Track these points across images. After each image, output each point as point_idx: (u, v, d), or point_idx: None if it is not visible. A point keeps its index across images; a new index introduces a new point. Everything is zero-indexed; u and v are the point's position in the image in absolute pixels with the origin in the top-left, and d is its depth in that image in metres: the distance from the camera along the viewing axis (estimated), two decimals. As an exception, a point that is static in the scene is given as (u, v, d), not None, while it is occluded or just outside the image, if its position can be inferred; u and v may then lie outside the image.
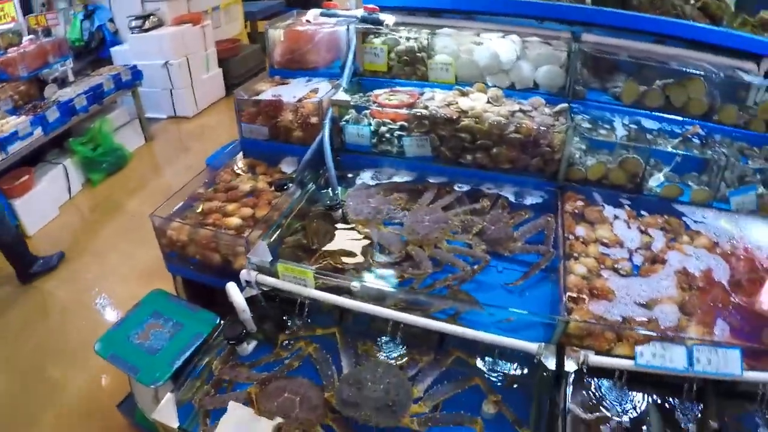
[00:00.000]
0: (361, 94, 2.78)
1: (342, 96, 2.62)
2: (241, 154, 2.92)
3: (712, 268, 2.19)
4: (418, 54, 2.84)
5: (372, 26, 2.84)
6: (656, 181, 2.51)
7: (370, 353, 1.96)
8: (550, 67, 2.76)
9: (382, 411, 1.69)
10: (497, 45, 2.73)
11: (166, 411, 1.69)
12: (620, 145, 2.50)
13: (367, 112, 2.65)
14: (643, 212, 2.43)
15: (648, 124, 2.71)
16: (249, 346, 1.99)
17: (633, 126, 2.67)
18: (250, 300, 1.96)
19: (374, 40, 2.88)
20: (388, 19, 2.81)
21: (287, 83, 2.96)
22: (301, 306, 2.01)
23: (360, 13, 2.89)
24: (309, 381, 1.83)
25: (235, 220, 2.36)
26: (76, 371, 3.03)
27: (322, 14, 3.07)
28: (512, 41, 2.77)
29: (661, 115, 2.77)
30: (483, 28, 2.87)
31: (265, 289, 2.02)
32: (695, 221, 2.42)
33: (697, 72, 2.76)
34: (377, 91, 2.74)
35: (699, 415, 1.82)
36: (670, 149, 2.55)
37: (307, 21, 3.07)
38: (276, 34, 3.09)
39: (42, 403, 2.85)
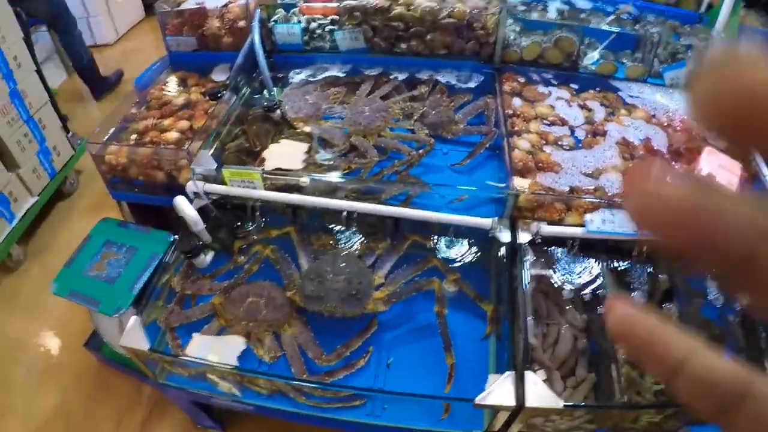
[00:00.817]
0: None
1: None
2: (170, 69, 2.83)
3: (650, 138, 2.27)
4: None
5: None
6: (591, 59, 2.55)
7: (328, 247, 1.98)
8: (481, -50, 2.72)
9: (346, 300, 1.72)
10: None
11: (133, 335, 1.63)
12: (554, 25, 2.53)
13: (296, 9, 2.59)
14: (581, 90, 2.48)
15: (581, 3, 2.73)
16: (207, 258, 1.98)
17: (566, 6, 2.69)
18: (200, 211, 1.93)
19: None
20: None
21: None
22: (252, 210, 2.01)
23: None
24: (271, 282, 1.85)
25: (173, 135, 2.30)
26: (35, 324, 2.96)
27: None
28: None
29: (594, -7, 2.79)
30: None
31: (214, 197, 2.00)
32: (631, 96, 2.50)
33: (630, -53, 2.79)
34: None
35: (649, 277, 1.93)
36: (603, 27, 2.59)
37: None
38: None
39: (8, 363, 2.78)
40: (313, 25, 2.52)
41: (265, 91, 2.44)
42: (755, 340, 1.86)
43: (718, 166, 2.21)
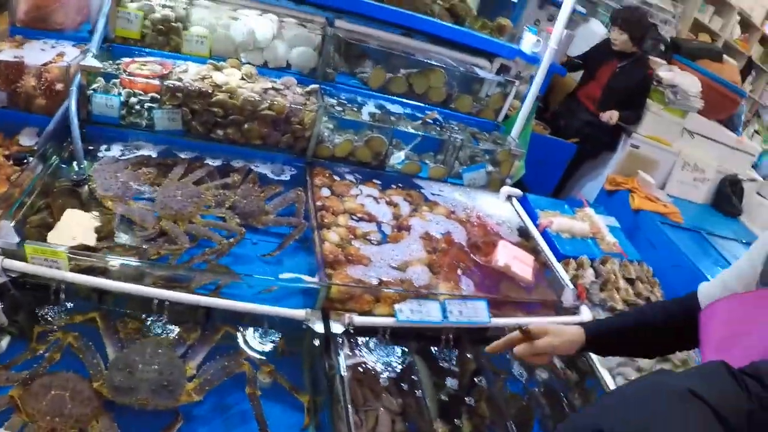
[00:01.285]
0: (111, 62, 2.68)
1: (92, 62, 2.50)
2: (-29, 126, 2.69)
3: (450, 232, 2.56)
4: (173, 24, 2.81)
5: None
6: (398, 158, 2.82)
7: (136, 336, 1.92)
8: (304, 49, 2.92)
9: (158, 392, 1.69)
10: (254, 22, 2.83)
11: None
12: (366, 125, 2.77)
13: (117, 81, 2.57)
14: (386, 187, 2.72)
15: (392, 108, 3.03)
16: (2, 343, 1.83)
17: (378, 110, 2.95)
18: (-1, 289, 1.81)
19: (129, 4, 2.79)
20: None
21: (29, 44, 2.77)
22: (56, 291, 1.88)
23: None
24: (75, 374, 1.73)
25: None
26: None
27: None
28: (270, 20, 2.88)
29: (405, 100, 3.11)
30: (241, 4, 2.95)
31: (13, 275, 1.84)
32: (433, 194, 2.80)
33: (439, 64, 3.13)
34: (128, 60, 2.68)
35: (458, 359, 2.15)
36: (410, 130, 2.87)
37: None
38: None
39: None
40: (133, 99, 2.52)
41: (74, 163, 2.37)
42: (560, 405, 2.18)
43: (513, 257, 2.52)
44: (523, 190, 3.28)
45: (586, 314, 2.40)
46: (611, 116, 4.68)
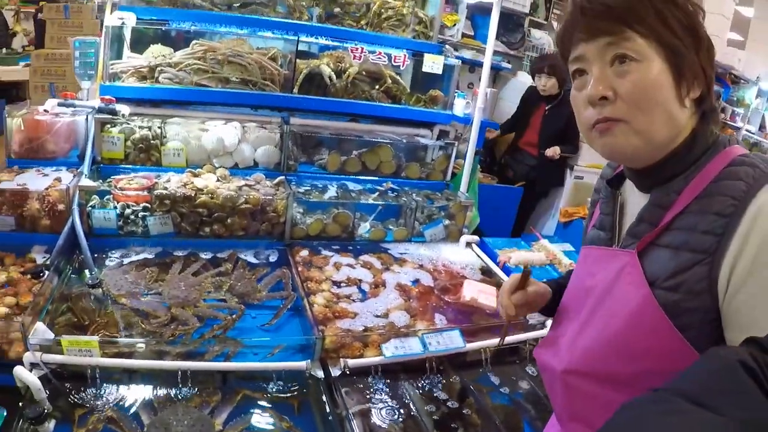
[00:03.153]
0: (102, 181, 3.04)
1: (87, 182, 2.86)
2: (-16, 250, 2.93)
3: (420, 279, 2.99)
4: (152, 141, 3.19)
5: (109, 116, 3.10)
6: (364, 228, 3.26)
7: (166, 405, 2.17)
8: (267, 147, 3.36)
9: None
10: (221, 131, 3.26)
11: None
12: (331, 204, 3.22)
13: (111, 196, 2.91)
14: (359, 254, 3.14)
15: (351, 186, 3.48)
16: (50, 425, 2.04)
17: (339, 189, 3.39)
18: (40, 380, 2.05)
19: (112, 129, 3.14)
20: (124, 109, 3.12)
21: (28, 172, 3.04)
22: (92, 377, 2.17)
23: (97, 103, 3.14)
24: None
25: (1, 309, 2.39)
26: None
27: (59, 104, 3.22)
28: (234, 127, 3.31)
29: (361, 177, 3.57)
30: (207, 117, 3.38)
31: (52, 367, 2.14)
32: (400, 253, 3.22)
33: (385, 141, 3.61)
34: (117, 177, 3.03)
35: (444, 383, 2.49)
36: (371, 201, 3.33)
37: (45, 111, 3.19)
38: (14, 123, 3.13)
39: None
40: (128, 211, 2.89)
41: (86, 271, 2.67)
42: (545, 408, 2.44)
43: (478, 291, 2.91)
44: (482, 237, 3.72)
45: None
46: (554, 152, 5.18)
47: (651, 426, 0.70)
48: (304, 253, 3.06)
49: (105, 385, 2.21)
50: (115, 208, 2.89)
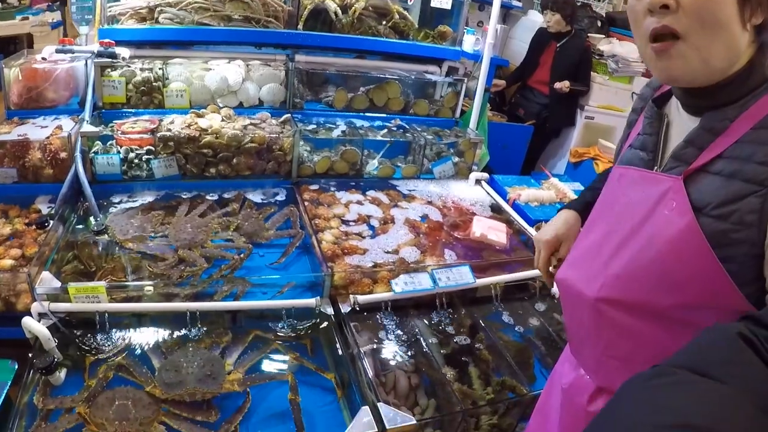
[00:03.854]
0: (105, 126, 2.96)
1: (89, 128, 2.79)
2: (-12, 202, 2.91)
3: (428, 214, 2.94)
4: (154, 83, 3.11)
5: (109, 60, 3.02)
6: (372, 166, 3.18)
7: (176, 347, 2.16)
8: (272, 85, 3.26)
9: (204, 381, 1.94)
10: (225, 70, 3.18)
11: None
12: (339, 141, 3.14)
13: (114, 141, 2.86)
14: (367, 192, 3.08)
15: (359, 123, 3.39)
16: (61, 374, 2.03)
17: (346, 126, 3.31)
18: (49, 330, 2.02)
19: (112, 73, 3.06)
20: (124, 52, 3.05)
21: (27, 123, 2.98)
22: (100, 323, 2.14)
23: (96, 48, 3.05)
24: (132, 387, 1.96)
25: (6, 262, 2.39)
26: None
27: (57, 51, 3.12)
28: (237, 66, 3.23)
29: (369, 114, 3.49)
30: (211, 56, 3.29)
31: (60, 316, 2.12)
32: (409, 190, 3.15)
33: (393, 77, 3.50)
34: (119, 121, 2.97)
35: (453, 319, 2.47)
36: (379, 138, 3.24)
37: (43, 59, 3.11)
38: (12, 73, 3.05)
39: None
40: (131, 155, 2.83)
41: (91, 218, 2.64)
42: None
43: (488, 228, 2.87)
44: (492, 174, 3.64)
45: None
46: (564, 85, 5.06)
47: (660, 398, 0.68)
48: (312, 190, 3.00)
49: (114, 331, 2.18)
50: (119, 152, 2.84)
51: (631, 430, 0.66)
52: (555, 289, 2.71)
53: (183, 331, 2.21)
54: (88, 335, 2.16)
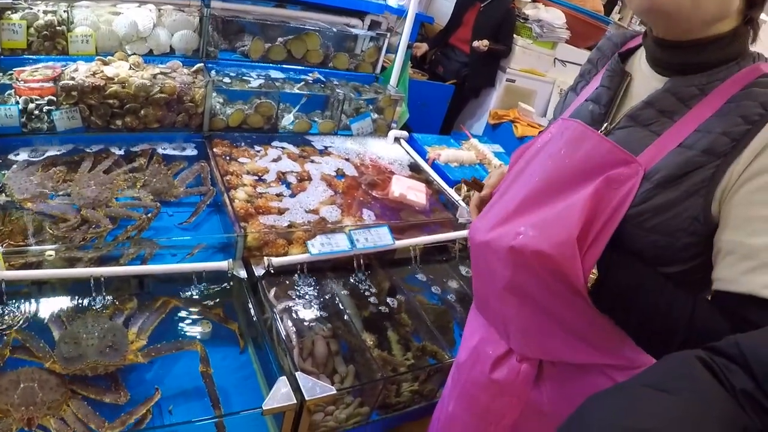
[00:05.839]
0: (1, 74, 2.72)
1: None
2: None
3: (342, 168, 2.85)
4: (58, 28, 2.86)
5: (8, 1, 2.75)
6: (288, 120, 3.03)
7: (76, 317, 1.98)
8: (185, 32, 3.04)
9: (105, 353, 1.80)
10: (135, 14, 2.93)
11: None
12: (254, 93, 2.96)
13: (12, 91, 2.61)
14: (282, 146, 2.93)
15: (275, 74, 3.20)
16: None
17: (262, 78, 3.11)
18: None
19: (12, 15, 2.79)
20: None
21: None
22: None
23: None
24: (35, 367, 1.78)
25: None
26: None
27: None
28: (149, 10, 2.98)
29: (286, 66, 3.29)
30: (118, -1, 3.03)
31: None
32: (325, 146, 3.03)
33: (313, 28, 3.32)
34: (18, 69, 2.70)
35: (372, 281, 2.39)
36: (296, 91, 3.08)
37: None
38: None
39: None
40: (31, 105, 2.58)
41: None
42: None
43: (407, 187, 2.79)
44: (411, 133, 3.54)
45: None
46: (482, 44, 4.95)
47: (621, 404, 0.72)
48: (224, 145, 2.83)
49: (12, 302, 1.98)
50: (17, 103, 2.59)
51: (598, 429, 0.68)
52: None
53: (87, 300, 2.04)
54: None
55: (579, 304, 1.10)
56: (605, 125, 1.15)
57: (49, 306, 2.01)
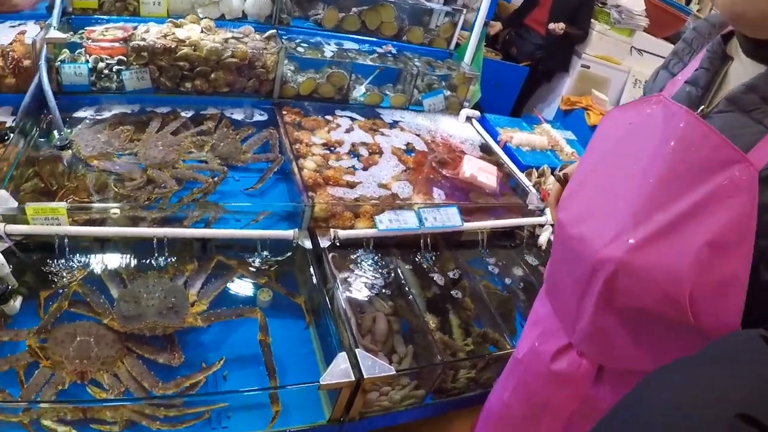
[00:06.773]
0: (74, 33, 2.68)
1: (56, 34, 2.50)
2: (-55, 114, 2.69)
3: (411, 142, 2.75)
4: None
5: None
6: (359, 92, 2.92)
7: (137, 276, 1.94)
8: (258, -2, 2.97)
9: (165, 315, 1.76)
10: (208, -22, 2.87)
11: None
12: (326, 63, 2.85)
13: (83, 50, 2.59)
14: (352, 118, 2.82)
15: (348, 45, 3.10)
16: (16, 303, 1.82)
17: (335, 48, 3.02)
18: (3, 254, 1.80)
19: None
20: None
21: None
22: (59, 247, 1.91)
23: None
24: (93, 322, 1.76)
25: None
26: None
27: None
28: (222, -26, 2.92)
29: (359, 37, 3.18)
30: (193, -39, 2.97)
31: (16, 239, 1.88)
32: (395, 120, 2.91)
33: (389, 0, 3.18)
34: (90, 28, 2.68)
35: (436, 262, 2.28)
36: (369, 63, 2.97)
37: None
38: None
39: None
40: (101, 65, 2.56)
41: (54, 132, 2.39)
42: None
43: (478, 168, 2.64)
44: (481, 113, 3.38)
45: (550, 216, 2.53)
46: (559, 26, 4.73)
47: (695, 377, 0.70)
48: (294, 112, 2.74)
49: (74, 257, 1.95)
50: (87, 62, 2.56)
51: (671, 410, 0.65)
52: (542, 239, 2.53)
53: (149, 260, 1.99)
54: (46, 261, 1.92)
55: (689, 339, 1.00)
56: (701, 108, 1.06)
57: (110, 263, 1.98)
